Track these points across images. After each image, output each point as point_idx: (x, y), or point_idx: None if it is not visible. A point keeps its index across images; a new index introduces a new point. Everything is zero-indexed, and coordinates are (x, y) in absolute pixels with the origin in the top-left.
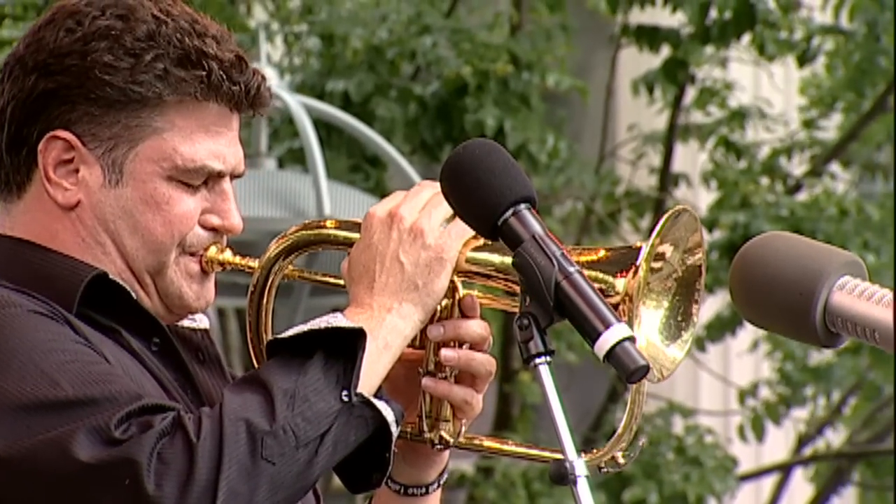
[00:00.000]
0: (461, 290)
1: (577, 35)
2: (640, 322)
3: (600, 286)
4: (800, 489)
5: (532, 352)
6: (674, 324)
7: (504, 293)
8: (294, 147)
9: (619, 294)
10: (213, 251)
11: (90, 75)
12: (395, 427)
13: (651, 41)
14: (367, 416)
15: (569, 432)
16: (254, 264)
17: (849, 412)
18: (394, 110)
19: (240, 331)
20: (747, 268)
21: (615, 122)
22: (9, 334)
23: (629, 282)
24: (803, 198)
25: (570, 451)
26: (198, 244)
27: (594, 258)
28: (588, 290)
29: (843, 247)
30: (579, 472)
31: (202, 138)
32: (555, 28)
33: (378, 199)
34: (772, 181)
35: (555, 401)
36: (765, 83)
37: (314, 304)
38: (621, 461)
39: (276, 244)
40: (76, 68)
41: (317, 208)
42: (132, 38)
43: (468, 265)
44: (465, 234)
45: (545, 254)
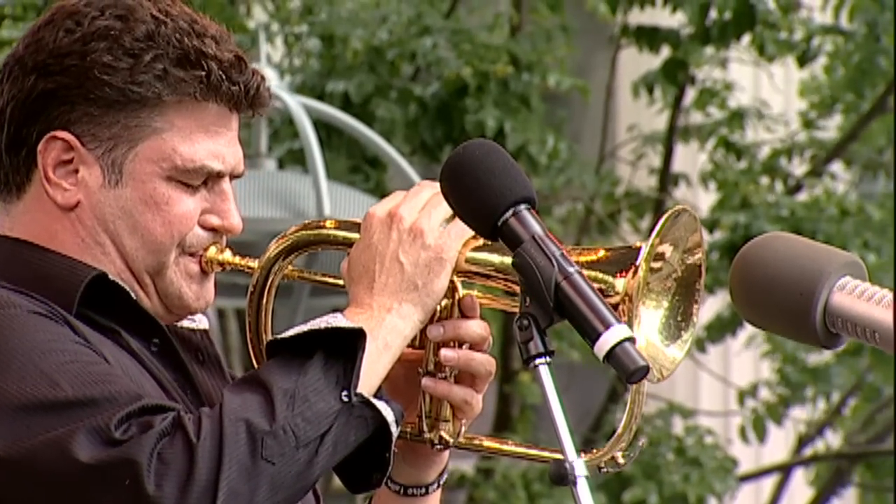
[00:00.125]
0: (461, 290)
1: (577, 36)
2: (639, 322)
3: (600, 286)
4: (799, 490)
5: (532, 352)
6: (673, 324)
7: (504, 293)
8: (294, 148)
9: (618, 294)
10: (212, 251)
11: (89, 75)
12: (394, 427)
13: (651, 42)
14: (367, 416)
15: (569, 433)
16: (253, 264)
17: (849, 413)
18: (394, 111)
19: (240, 331)
20: (747, 268)
21: (615, 123)
22: (8, 335)
23: (629, 282)
24: (804, 198)
25: (570, 452)
26: (197, 244)
27: (594, 258)
28: (588, 291)
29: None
30: (579, 473)
31: (201, 138)
32: (555, 29)
33: (378, 199)
34: (772, 181)
35: (555, 401)
36: (765, 84)
37: (314, 304)
38: (621, 461)
39: (275, 244)
40: (75, 69)
41: (317, 209)
42: (131, 38)
43: (468, 265)
44: (465, 234)
45: (545, 254)
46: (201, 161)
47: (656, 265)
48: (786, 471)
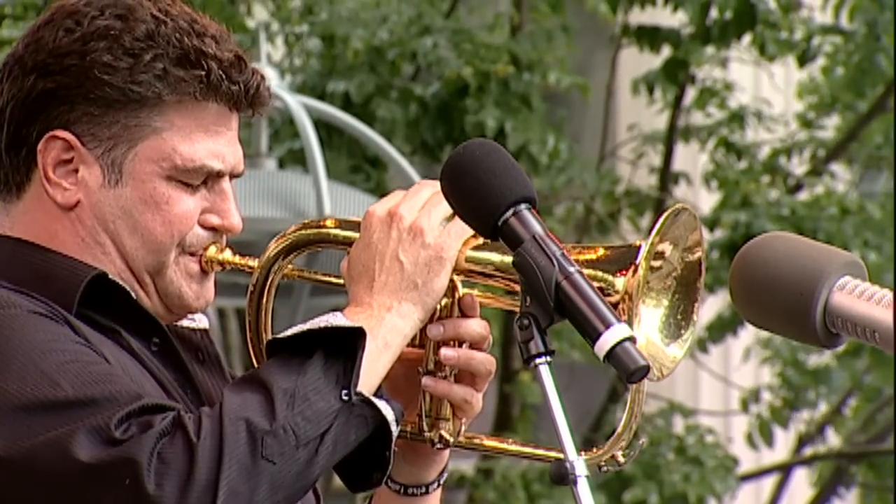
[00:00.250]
0: (461, 289)
1: (577, 35)
2: (639, 321)
3: (600, 285)
4: (800, 489)
5: (532, 352)
6: (673, 322)
7: (504, 292)
8: (294, 147)
9: (618, 293)
10: (212, 251)
11: (89, 75)
12: (395, 426)
13: (652, 41)
14: (367, 415)
15: (569, 432)
16: (253, 264)
17: (849, 412)
18: (394, 111)
19: (240, 330)
20: (747, 268)
21: (615, 123)
22: (9, 335)
23: (629, 280)
24: (804, 197)
25: (571, 452)
26: (197, 244)
27: (593, 257)
28: (588, 291)
29: (844, 246)
30: (579, 473)
31: (201, 138)
32: (555, 29)
33: (378, 199)
34: (772, 181)
35: (555, 401)
36: (765, 83)
37: (314, 304)
38: (621, 460)
39: (275, 244)
40: (75, 68)
41: (317, 208)
42: (131, 37)
43: (468, 264)
44: (465, 233)
45: (545, 254)
46: (201, 160)
47: (656, 264)
48: (786, 470)
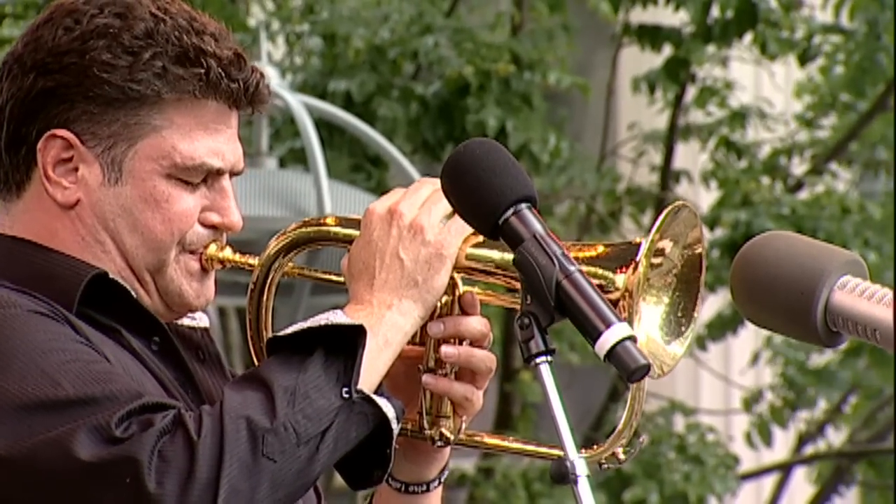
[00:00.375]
0: (461, 287)
1: (578, 34)
2: (640, 318)
3: (600, 282)
4: (800, 488)
5: (533, 351)
6: (674, 320)
7: (504, 290)
8: (295, 147)
9: (619, 290)
10: (212, 249)
11: (89, 74)
12: (395, 423)
13: (653, 40)
14: (367, 413)
15: (570, 431)
16: (254, 262)
17: (849, 410)
18: (395, 110)
19: (240, 329)
20: (748, 267)
21: (616, 122)
22: (9, 334)
23: (629, 278)
24: (805, 196)
25: (571, 451)
26: (197, 242)
27: (594, 254)
28: (589, 290)
29: (845, 245)
30: (580, 472)
31: (201, 136)
32: (556, 27)
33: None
34: (773, 180)
35: (556, 400)
36: (766, 82)
37: (315, 302)
38: (622, 457)
39: (275, 241)
40: (75, 67)
41: (318, 208)
42: (130, 36)
43: (468, 262)
44: (465, 230)
45: (546, 253)
46: (201, 158)
47: (656, 261)
48: (786, 469)
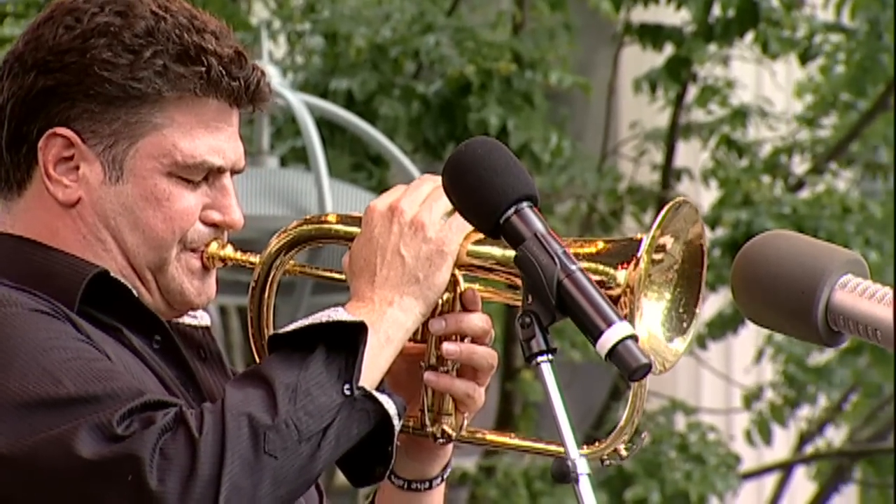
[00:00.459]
0: (462, 284)
1: (579, 33)
2: (641, 314)
3: (601, 278)
4: (802, 487)
5: (534, 350)
6: (675, 316)
7: (505, 286)
8: (296, 146)
9: (620, 286)
10: (214, 247)
11: (89, 72)
12: (397, 420)
13: (654, 39)
14: (369, 410)
15: (571, 430)
16: (255, 260)
17: (850, 409)
18: (397, 109)
19: (242, 328)
20: (749, 266)
21: (617, 121)
22: (10, 332)
23: (630, 273)
24: (805, 195)
25: (573, 450)
26: (199, 240)
27: (594, 250)
28: (590, 289)
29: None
30: (581, 471)
31: (202, 134)
32: (558, 26)
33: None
34: (773, 179)
35: (557, 399)
36: (767, 81)
37: (316, 301)
38: (624, 454)
39: (276, 239)
40: (75, 65)
41: (319, 207)
42: (131, 34)
43: (469, 259)
44: (466, 227)
45: (547, 252)
46: (202, 156)
47: (657, 257)
48: (787, 468)
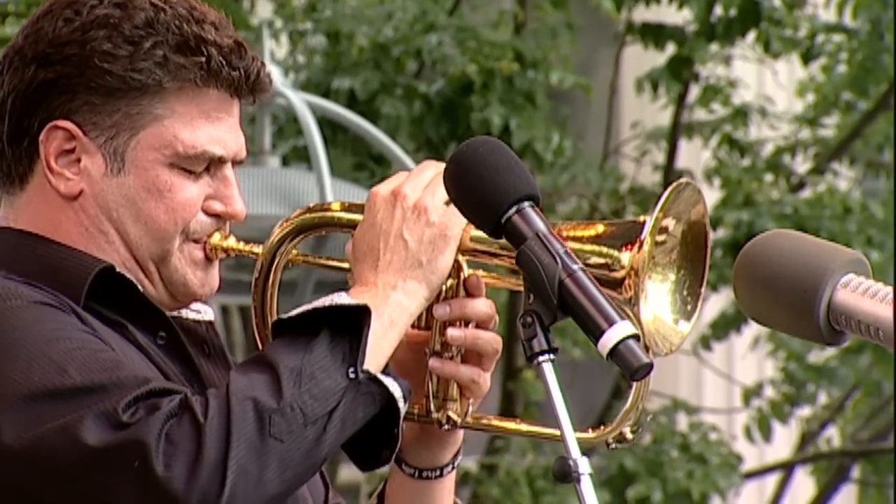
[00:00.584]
0: (466, 270)
1: (581, 33)
2: (646, 296)
3: (605, 260)
4: (803, 487)
5: (535, 349)
6: (680, 298)
7: (508, 271)
8: (298, 145)
9: (624, 268)
10: (216, 238)
11: (89, 64)
12: (402, 403)
13: (656, 39)
14: (374, 393)
15: (572, 430)
16: (258, 250)
17: (850, 407)
18: (399, 108)
19: (243, 328)
20: (751, 266)
21: (619, 120)
22: (15, 324)
23: (635, 255)
24: (807, 195)
25: (574, 449)
26: (201, 231)
27: (597, 233)
28: (592, 288)
29: (847, 244)
30: (583, 470)
31: (203, 124)
32: (559, 26)
33: None
34: (775, 179)
35: (558, 398)
36: (769, 81)
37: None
38: (629, 437)
39: (279, 228)
40: (75, 58)
41: None
42: (130, 25)
43: (472, 243)
44: None
45: (548, 251)
46: (203, 147)
47: (661, 238)
48: (789, 468)
